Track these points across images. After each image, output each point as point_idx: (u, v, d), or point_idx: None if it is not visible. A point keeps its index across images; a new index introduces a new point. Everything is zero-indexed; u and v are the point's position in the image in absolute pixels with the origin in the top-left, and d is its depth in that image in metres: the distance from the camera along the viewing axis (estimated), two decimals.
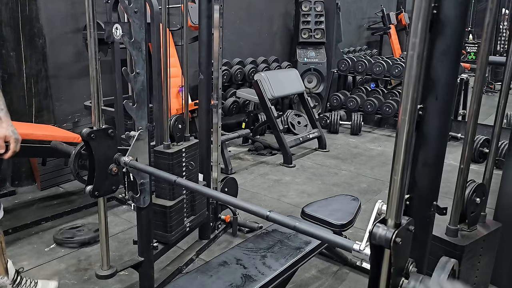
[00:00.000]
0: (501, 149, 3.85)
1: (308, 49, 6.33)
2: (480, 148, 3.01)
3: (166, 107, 2.15)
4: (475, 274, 1.66)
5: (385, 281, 0.95)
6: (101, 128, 1.73)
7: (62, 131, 3.16)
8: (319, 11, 6.21)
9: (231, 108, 4.97)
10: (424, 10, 0.84)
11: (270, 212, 1.27)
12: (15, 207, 3.23)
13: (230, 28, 5.30)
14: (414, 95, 0.88)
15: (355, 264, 2.59)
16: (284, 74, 5.17)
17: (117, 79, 3.49)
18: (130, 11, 1.75)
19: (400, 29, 9.01)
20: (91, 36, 1.64)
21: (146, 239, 2.04)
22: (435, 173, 1.07)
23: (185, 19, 2.36)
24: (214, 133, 2.81)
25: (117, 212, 3.19)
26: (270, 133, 5.21)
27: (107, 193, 1.81)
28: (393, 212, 0.92)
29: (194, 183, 2.00)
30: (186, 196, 2.37)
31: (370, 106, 5.81)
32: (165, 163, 2.18)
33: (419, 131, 1.03)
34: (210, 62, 2.63)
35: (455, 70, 1.01)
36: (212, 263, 1.97)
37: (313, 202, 2.47)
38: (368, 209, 3.09)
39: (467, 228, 1.66)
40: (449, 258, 1.08)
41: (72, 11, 3.72)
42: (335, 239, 1.16)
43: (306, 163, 4.58)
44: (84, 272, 2.49)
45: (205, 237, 2.75)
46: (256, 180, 4.04)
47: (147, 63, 1.83)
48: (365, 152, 5.03)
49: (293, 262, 1.99)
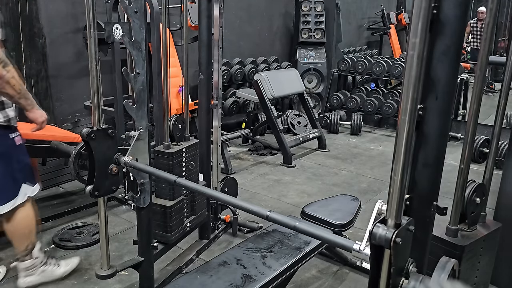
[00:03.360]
0: (501, 149, 3.84)
1: (308, 49, 6.33)
2: (480, 148, 3.01)
3: (166, 107, 2.15)
4: (475, 274, 1.66)
5: (385, 281, 0.95)
6: (101, 128, 1.73)
7: (62, 131, 3.16)
8: (319, 11, 6.21)
9: (231, 108, 4.97)
10: (424, 10, 0.84)
11: (270, 212, 1.27)
12: None
13: (230, 28, 5.30)
14: (414, 95, 0.88)
15: (355, 264, 2.59)
16: (284, 74, 5.17)
17: (117, 79, 3.49)
18: (130, 11, 1.75)
19: (400, 29, 9.01)
20: (91, 36, 1.64)
21: (146, 239, 2.04)
22: (435, 173, 1.07)
23: (185, 19, 2.36)
24: (214, 133, 2.81)
25: (117, 212, 3.19)
26: (270, 133, 5.21)
27: (107, 193, 1.81)
28: (393, 212, 0.92)
29: (194, 183, 2.00)
30: (186, 196, 2.37)
31: (370, 106, 5.81)
32: (165, 163, 2.18)
33: (419, 131, 1.03)
34: (210, 62, 2.63)
35: (455, 70, 1.01)
36: (212, 263, 1.97)
37: (313, 202, 2.47)
38: (368, 209, 3.09)
39: (467, 228, 1.66)
40: (449, 258, 1.08)
41: (72, 11, 3.72)
42: (335, 239, 1.16)
43: (306, 163, 4.58)
44: (84, 272, 2.49)
45: (205, 237, 2.75)
46: (256, 180, 4.04)
47: (147, 63, 1.83)
48: (365, 152, 5.03)
49: (293, 262, 1.99)
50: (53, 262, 2.37)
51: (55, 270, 2.36)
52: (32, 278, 2.28)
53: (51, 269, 2.34)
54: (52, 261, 2.37)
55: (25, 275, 2.28)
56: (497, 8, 1.52)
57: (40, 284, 2.32)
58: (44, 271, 2.31)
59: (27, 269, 2.26)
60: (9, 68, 1.96)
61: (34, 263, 2.27)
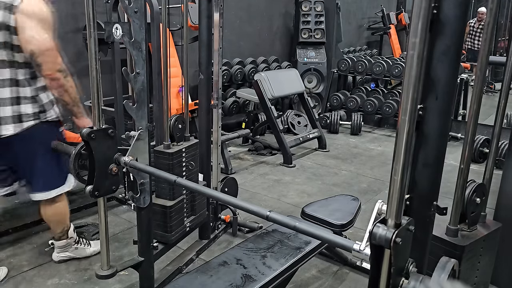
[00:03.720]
0: (501, 149, 3.84)
1: (308, 49, 6.33)
2: (480, 148, 3.00)
3: (166, 107, 2.15)
4: (475, 274, 1.66)
5: (385, 281, 0.95)
6: (101, 128, 1.73)
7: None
8: (319, 11, 6.21)
9: (231, 108, 4.97)
10: (424, 10, 0.84)
11: (270, 212, 1.27)
12: (15, 207, 3.23)
13: (230, 28, 5.30)
14: (414, 95, 0.88)
15: (355, 264, 2.59)
16: (284, 74, 5.17)
17: (117, 79, 3.48)
18: (130, 11, 1.75)
19: (400, 29, 9.01)
20: (91, 36, 1.64)
21: (146, 239, 2.04)
22: (435, 173, 1.07)
23: (185, 19, 2.36)
24: (214, 133, 2.81)
25: (117, 212, 3.19)
26: (270, 133, 5.21)
27: (107, 193, 1.81)
28: (393, 212, 0.92)
29: (194, 183, 2.00)
30: (186, 196, 2.37)
31: (370, 106, 5.81)
32: (165, 163, 2.18)
33: (419, 131, 1.02)
34: (210, 62, 2.63)
35: (455, 70, 1.01)
36: (212, 263, 1.97)
37: (313, 202, 2.47)
38: (368, 209, 3.09)
39: (467, 228, 1.66)
40: (449, 258, 1.08)
41: (72, 11, 3.72)
42: (335, 239, 1.16)
43: (306, 163, 4.58)
44: (84, 272, 2.49)
45: (205, 237, 2.75)
46: (256, 180, 4.04)
47: (147, 63, 1.83)
48: (365, 152, 5.03)
49: (293, 262, 1.99)
50: (85, 242, 2.64)
51: (86, 249, 2.63)
52: (64, 254, 2.56)
53: (82, 248, 2.61)
54: (84, 240, 2.64)
55: (59, 251, 2.55)
56: (497, 8, 1.52)
57: (71, 259, 2.58)
58: (76, 248, 2.59)
59: (62, 247, 2.54)
60: (68, 78, 2.23)
61: (69, 242, 2.54)
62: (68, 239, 2.53)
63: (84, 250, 2.61)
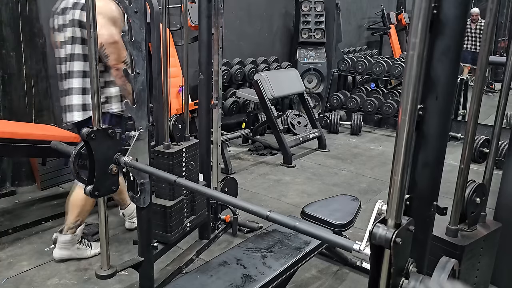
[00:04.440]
0: (501, 149, 3.84)
1: (308, 49, 6.33)
2: (480, 148, 3.00)
3: (166, 107, 2.15)
4: (475, 274, 1.66)
5: (385, 281, 0.95)
6: (101, 128, 1.73)
7: (62, 131, 3.16)
8: (319, 11, 6.21)
9: (231, 108, 4.97)
10: (424, 10, 0.84)
11: (270, 212, 1.26)
12: (15, 207, 3.23)
13: (230, 28, 5.30)
14: (414, 95, 0.87)
15: (355, 264, 2.59)
16: (284, 74, 5.17)
17: None
18: (130, 11, 1.75)
19: (400, 29, 9.01)
20: (91, 36, 1.64)
21: (146, 239, 2.04)
22: (435, 173, 1.07)
23: (185, 19, 2.36)
24: (214, 133, 2.81)
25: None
26: (270, 133, 5.21)
27: (107, 193, 1.81)
28: (393, 212, 0.92)
29: (194, 183, 2.00)
30: (186, 196, 2.37)
31: (370, 106, 5.81)
32: (165, 163, 2.18)
33: (419, 131, 1.02)
34: (210, 62, 2.63)
35: (455, 70, 1.01)
36: (212, 263, 1.97)
37: (313, 202, 2.47)
38: (368, 209, 3.09)
39: (467, 228, 1.66)
40: (449, 258, 1.08)
41: None
42: (335, 239, 1.16)
43: (306, 163, 4.58)
44: (84, 272, 2.49)
45: (205, 237, 2.75)
46: (256, 180, 4.04)
47: (147, 63, 1.83)
48: (365, 152, 5.03)
49: (293, 262, 1.99)
50: (87, 243, 2.64)
51: (87, 250, 2.62)
52: (65, 252, 2.55)
53: (83, 248, 2.61)
54: (86, 241, 2.64)
55: (61, 247, 2.54)
56: (497, 8, 1.52)
57: (71, 258, 2.57)
58: (78, 248, 2.59)
59: (65, 242, 2.53)
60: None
61: (74, 239, 2.55)
62: (74, 235, 2.55)
63: (85, 251, 2.62)
